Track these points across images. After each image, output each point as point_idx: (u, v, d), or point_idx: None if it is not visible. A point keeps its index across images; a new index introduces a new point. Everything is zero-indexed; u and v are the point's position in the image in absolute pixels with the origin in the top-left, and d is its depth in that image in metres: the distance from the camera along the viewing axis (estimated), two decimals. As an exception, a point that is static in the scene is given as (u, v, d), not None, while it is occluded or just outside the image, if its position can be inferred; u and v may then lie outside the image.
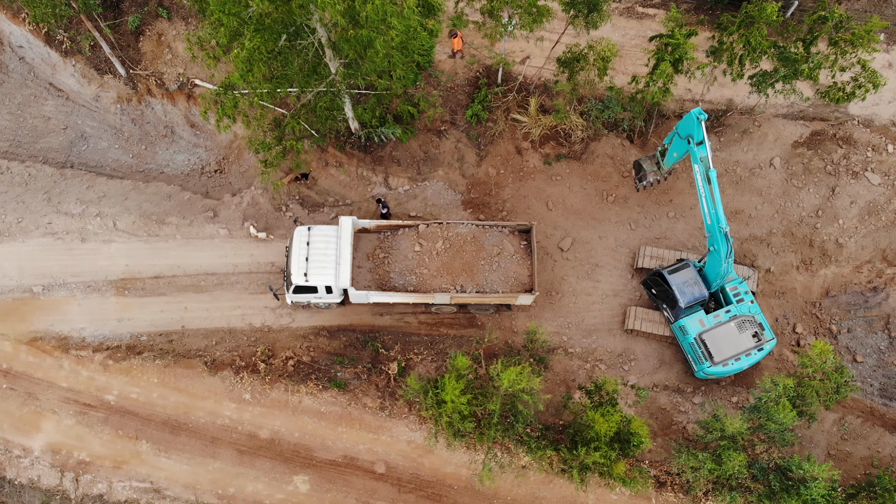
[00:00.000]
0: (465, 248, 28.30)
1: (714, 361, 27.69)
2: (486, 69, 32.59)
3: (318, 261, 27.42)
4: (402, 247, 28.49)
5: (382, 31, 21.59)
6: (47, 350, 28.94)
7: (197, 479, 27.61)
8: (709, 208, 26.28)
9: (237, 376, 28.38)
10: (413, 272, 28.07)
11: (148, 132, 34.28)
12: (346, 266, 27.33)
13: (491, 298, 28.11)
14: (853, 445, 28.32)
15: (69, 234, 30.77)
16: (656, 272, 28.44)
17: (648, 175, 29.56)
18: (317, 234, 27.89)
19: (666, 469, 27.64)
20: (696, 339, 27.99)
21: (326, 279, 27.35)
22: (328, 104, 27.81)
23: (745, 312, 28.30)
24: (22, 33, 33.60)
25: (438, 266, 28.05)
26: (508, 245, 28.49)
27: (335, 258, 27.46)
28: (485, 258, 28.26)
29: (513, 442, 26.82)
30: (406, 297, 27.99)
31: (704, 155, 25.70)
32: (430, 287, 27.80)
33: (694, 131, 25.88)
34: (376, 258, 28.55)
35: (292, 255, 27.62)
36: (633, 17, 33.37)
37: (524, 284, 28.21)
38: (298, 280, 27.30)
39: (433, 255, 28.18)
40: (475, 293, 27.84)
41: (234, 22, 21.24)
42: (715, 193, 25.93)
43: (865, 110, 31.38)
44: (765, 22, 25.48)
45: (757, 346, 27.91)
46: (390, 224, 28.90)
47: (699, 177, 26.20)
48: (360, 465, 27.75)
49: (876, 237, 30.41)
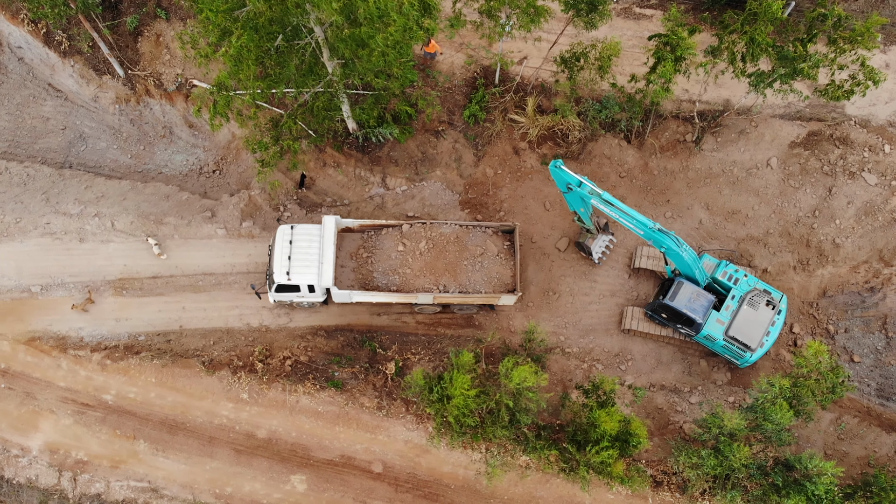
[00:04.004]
0: (448, 248, 28.35)
1: (752, 349, 27.74)
2: (483, 70, 32.64)
3: (300, 260, 27.35)
4: (386, 246, 28.50)
5: (380, 27, 21.62)
6: (45, 350, 28.99)
7: (194, 478, 27.64)
8: (630, 222, 26.28)
9: (235, 376, 28.42)
10: (396, 272, 28.09)
11: (146, 132, 34.33)
12: (329, 265, 27.26)
13: (474, 299, 28.15)
14: (850, 445, 28.35)
15: (67, 235, 30.82)
16: (659, 305, 28.29)
17: (594, 246, 29.75)
18: (300, 233, 27.82)
19: (663, 468, 27.68)
20: (726, 340, 27.98)
21: (309, 278, 27.29)
22: (326, 104, 27.85)
23: (746, 289, 28.37)
24: (21, 34, 33.67)
25: (421, 266, 28.09)
26: (492, 245, 28.54)
27: (318, 257, 27.39)
28: (468, 258, 28.30)
29: (511, 441, 26.86)
30: (389, 296, 27.99)
31: (589, 188, 25.85)
32: (413, 287, 27.82)
33: (565, 179, 26.07)
34: (360, 257, 28.56)
35: (275, 253, 27.57)
36: (630, 17, 33.43)
37: (507, 285, 28.24)
38: (281, 279, 27.22)
39: (416, 255, 28.21)
40: (458, 293, 27.87)
41: (222, 19, 21.24)
42: (623, 208, 25.95)
43: (862, 111, 31.42)
44: (769, 19, 25.52)
45: (776, 312, 28.05)
46: (374, 223, 28.87)
47: (601, 207, 26.24)
48: (358, 464, 27.78)
49: (873, 237, 30.44)
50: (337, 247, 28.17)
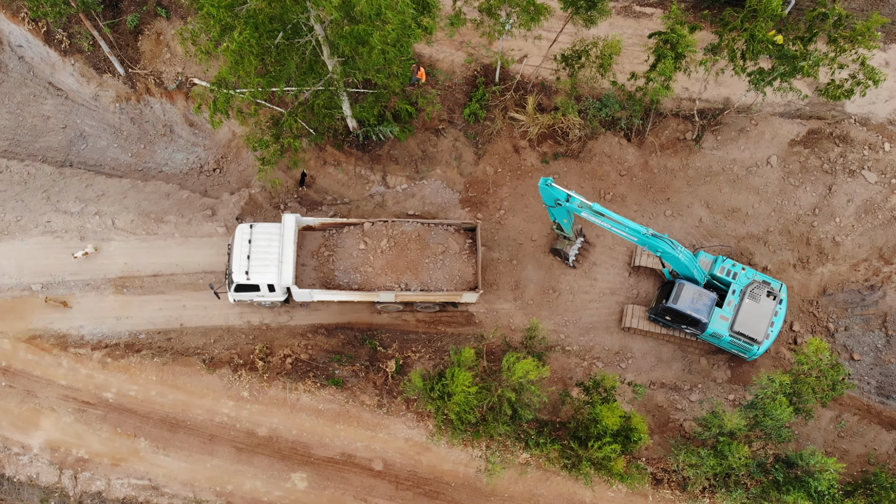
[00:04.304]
0: (409, 246, 28.36)
1: (759, 341, 27.83)
2: (483, 68, 32.67)
3: (260, 259, 27.25)
4: (347, 245, 28.45)
5: (378, 25, 21.63)
6: (46, 348, 29.02)
7: (195, 476, 27.68)
8: (622, 230, 26.36)
9: (235, 374, 28.45)
10: (358, 270, 28.06)
11: (147, 131, 34.34)
12: (289, 264, 27.16)
13: (435, 296, 28.21)
14: (850, 443, 28.38)
15: (68, 233, 30.84)
16: (662, 308, 28.30)
17: (570, 251, 29.94)
18: (259, 232, 27.70)
19: (663, 466, 27.71)
20: (732, 336, 28.04)
21: (269, 277, 27.19)
22: (326, 102, 27.87)
23: (745, 282, 28.41)
24: (21, 32, 33.68)
25: (383, 264, 28.09)
26: (454, 243, 28.60)
27: (278, 256, 27.27)
28: (429, 256, 28.31)
29: (512, 438, 26.89)
30: (350, 295, 27.97)
31: (578, 202, 25.98)
32: (374, 285, 27.81)
33: (555, 195, 26.24)
34: (321, 256, 28.47)
35: (234, 253, 27.43)
36: (630, 15, 33.44)
37: (469, 282, 28.27)
38: (240, 278, 27.13)
39: (378, 253, 28.21)
40: (420, 291, 27.86)
41: (223, 15, 21.24)
42: (614, 217, 26.01)
43: (862, 109, 31.44)
44: (769, 16, 25.55)
45: (778, 301, 28.15)
46: (336, 222, 28.82)
47: (592, 219, 26.37)
48: (358, 462, 27.81)
49: (872, 235, 30.47)
50: (298, 245, 28.09)
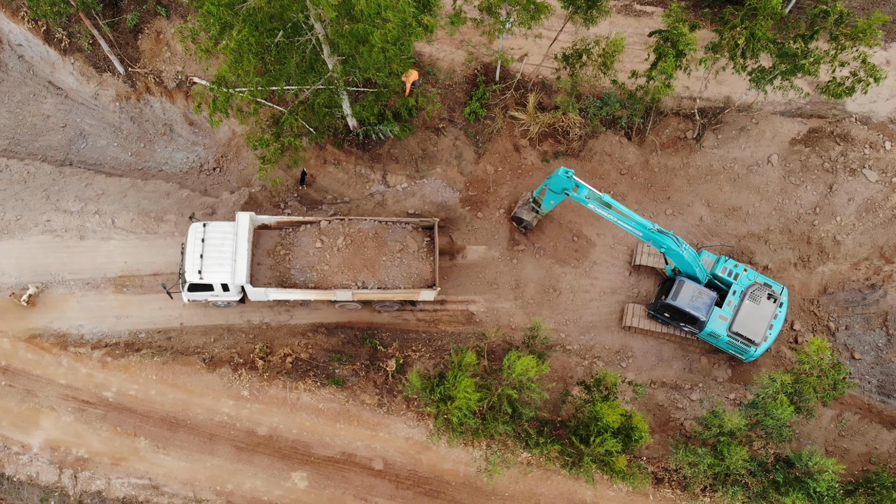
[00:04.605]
0: (366, 244, 28.31)
1: (756, 343, 27.80)
2: (484, 67, 32.63)
3: (213, 258, 27.14)
4: (304, 243, 28.35)
5: (378, 24, 21.59)
6: (46, 347, 28.99)
7: (195, 475, 27.66)
8: (628, 224, 26.38)
9: (235, 373, 28.43)
10: (314, 269, 27.97)
11: (147, 130, 34.31)
12: (243, 263, 26.98)
13: (393, 294, 28.17)
14: (851, 442, 28.35)
15: (68, 232, 30.82)
16: (661, 305, 28.31)
17: (532, 223, 30.25)
18: (213, 231, 27.57)
19: (664, 465, 27.68)
20: (730, 336, 28.02)
21: (222, 277, 27.09)
22: (326, 101, 27.83)
23: (746, 284, 28.39)
24: (21, 31, 33.65)
25: (339, 262, 28.00)
26: (411, 241, 28.59)
27: (232, 255, 27.12)
28: (387, 254, 28.27)
29: (512, 438, 26.86)
30: (307, 293, 27.90)
31: (586, 192, 26.17)
32: (331, 283, 27.74)
33: (568, 186, 26.51)
34: (277, 255, 28.35)
35: (187, 252, 27.33)
36: (630, 14, 33.40)
37: (426, 280, 28.24)
38: (193, 278, 27.04)
39: (334, 252, 28.12)
40: (377, 289, 27.81)
41: (223, 13, 21.20)
42: (621, 209, 26.08)
43: (863, 107, 31.41)
44: (769, 14, 25.52)
45: (778, 305, 28.12)
46: (291, 220, 28.74)
47: (599, 210, 26.47)
48: (358, 461, 27.79)
49: (873, 234, 30.43)
50: (253, 244, 27.99)
